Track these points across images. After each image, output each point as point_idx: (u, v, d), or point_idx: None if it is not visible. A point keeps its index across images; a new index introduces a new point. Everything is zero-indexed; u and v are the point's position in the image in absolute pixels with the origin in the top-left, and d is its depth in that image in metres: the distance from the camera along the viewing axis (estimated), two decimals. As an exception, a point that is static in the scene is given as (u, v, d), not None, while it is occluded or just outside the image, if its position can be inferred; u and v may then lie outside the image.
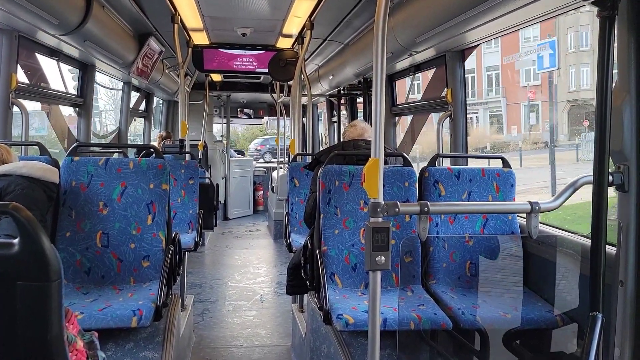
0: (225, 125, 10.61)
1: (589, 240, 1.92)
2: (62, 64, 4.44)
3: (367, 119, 5.87)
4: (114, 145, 5.60)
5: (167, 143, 7.09)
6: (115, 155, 4.52)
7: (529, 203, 1.94)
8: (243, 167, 9.90)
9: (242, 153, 15.53)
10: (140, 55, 5.07)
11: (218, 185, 6.76)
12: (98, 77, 5.07)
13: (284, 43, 5.68)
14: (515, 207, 2.64)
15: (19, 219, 1.13)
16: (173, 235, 2.98)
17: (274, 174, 8.62)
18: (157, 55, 5.55)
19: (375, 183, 1.82)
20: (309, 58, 6.32)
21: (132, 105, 6.48)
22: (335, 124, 8.50)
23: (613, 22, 1.84)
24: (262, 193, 10.24)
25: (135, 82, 6.17)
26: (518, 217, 3.10)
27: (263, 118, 11.81)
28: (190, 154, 5.02)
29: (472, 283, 2.95)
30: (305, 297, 3.59)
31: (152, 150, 3.62)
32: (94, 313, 2.34)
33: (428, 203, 1.86)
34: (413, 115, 5.11)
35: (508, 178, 3.09)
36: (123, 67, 4.99)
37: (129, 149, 5.28)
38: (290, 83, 6.16)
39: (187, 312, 3.68)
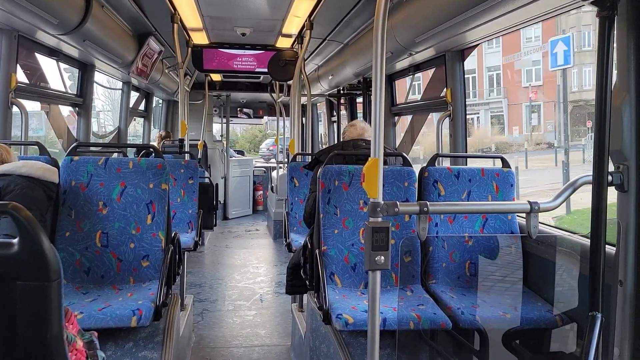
0: (225, 125, 10.62)
1: (589, 240, 1.92)
2: (61, 64, 4.44)
3: (366, 119, 5.87)
4: (114, 145, 5.59)
5: (166, 143, 7.09)
6: (115, 155, 4.52)
7: (529, 203, 1.94)
8: (243, 166, 9.90)
9: (241, 153, 15.54)
10: (140, 55, 5.07)
11: (217, 185, 6.75)
12: (96, 76, 5.06)
13: (284, 43, 5.68)
14: (515, 206, 2.64)
15: (19, 219, 1.13)
16: (173, 235, 2.98)
17: (274, 174, 8.62)
18: (156, 55, 5.55)
19: (375, 183, 1.82)
20: (309, 58, 6.32)
21: (131, 105, 6.48)
22: (335, 124, 8.49)
23: (612, 21, 1.84)
24: (261, 193, 10.24)
25: (135, 81, 6.17)
26: (517, 217, 3.10)
27: (263, 118, 11.80)
28: (190, 154, 5.01)
29: (471, 283, 2.95)
30: (305, 296, 3.59)
31: (151, 150, 3.62)
32: (94, 313, 2.34)
33: (427, 203, 1.86)
34: (413, 115, 5.11)
35: (507, 178, 3.09)
36: (123, 66, 4.99)
37: (129, 149, 5.27)
38: (290, 83, 6.15)
39: (186, 311, 3.68)
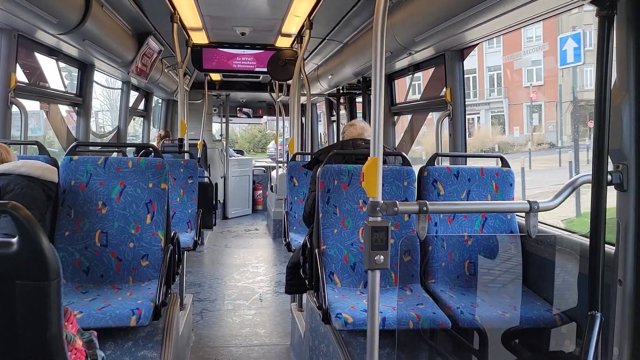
0: (225, 125, 10.61)
1: (588, 240, 1.92)
2: (60, 63, 4.43)
3: (366, 118, 5.87)
4: (113, 145, 5.59)
5: (166, 142, 7.09)
6: (114, 155, 4.51)
7: (528, 202, 1.93)
8: (242, 166, 9.90)
9: (241, 152, 15.55)
10: (140, 55, 5.07)
11: (217, 185, 6.76)
12: (95, 76, 5.06)
13: (283, 42, 5.67)
14: (514, 206, 2.64)
15: (18, 218, 1.12)
16: (172, 235, 2.98)
17: (273, 173, 8.61)
18: (156, 55, 5.54)
19: (374, 182, 1.82)
20: (308, 57, 6.31)
21: (131, 105, 6.47)
22: (334, 123, 8.49)
23: (612, 21, 1.84)
24: (261, 192, 10.24)
25: (134, 81, 6.17)
26: (517, 216, 3.10)
27: (262, 117, 11.81)
28: (190, 153, 5.01)
29: (471, 282, 2.95)
30: (304, 296, 3.59)
31: (151, 150, 3.61)
32: (93, 312, 2.34)
33: (427, 202, 1.85)
34: (412, 115, 5.11)
35: (507, 177, 3.09)
36: (122, 66, 4.99)
37: (128, 149, 5.27)
38: (290, 82, 6.15)
39: (186, 311, 3.68)
